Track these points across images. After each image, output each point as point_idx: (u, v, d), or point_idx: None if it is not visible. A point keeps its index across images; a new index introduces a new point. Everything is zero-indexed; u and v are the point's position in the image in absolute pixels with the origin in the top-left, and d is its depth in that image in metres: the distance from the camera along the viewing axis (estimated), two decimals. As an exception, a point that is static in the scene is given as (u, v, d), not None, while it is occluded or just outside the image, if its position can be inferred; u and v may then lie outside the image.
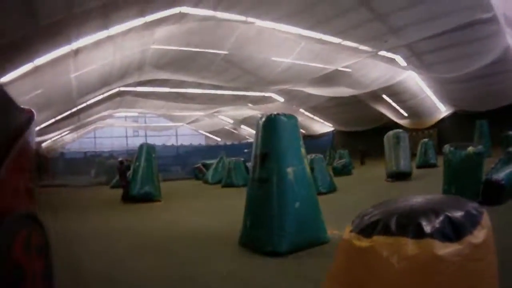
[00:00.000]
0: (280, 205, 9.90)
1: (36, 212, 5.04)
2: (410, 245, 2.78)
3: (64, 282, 7.75)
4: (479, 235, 2.85)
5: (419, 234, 2.81)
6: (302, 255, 9.41)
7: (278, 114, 10.84)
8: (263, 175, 10.39)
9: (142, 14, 15.88)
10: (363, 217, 3.20)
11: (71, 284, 8.06)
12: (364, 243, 2.98)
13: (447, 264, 2.70)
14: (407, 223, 2.89)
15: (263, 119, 10.93)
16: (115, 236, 13.51)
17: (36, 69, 16.28)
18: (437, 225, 2.81)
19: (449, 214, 2.88)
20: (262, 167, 10.51)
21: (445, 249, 2.72)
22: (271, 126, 10.63)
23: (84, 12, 13.34)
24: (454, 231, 2.80)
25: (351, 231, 3.19)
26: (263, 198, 10.27)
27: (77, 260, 10.21)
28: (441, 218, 2.85)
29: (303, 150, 10.85)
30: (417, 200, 3.24)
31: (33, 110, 5.56)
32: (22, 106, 5.38)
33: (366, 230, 3.03)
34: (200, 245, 11.49)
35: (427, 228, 2.80)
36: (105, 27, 15.77)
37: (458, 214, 2.90)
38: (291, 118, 10.97)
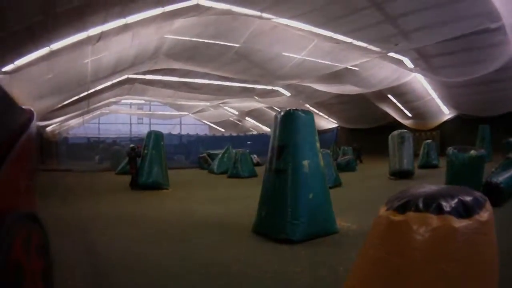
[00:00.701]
0: (295, 195, 10.33)
1: (36, 212, 5.14)
2: (434, 219, 3.47)
3: (80, 268, 8.28)
4: (484, 215, 3.54)
5: (440, 211, 3.49)
6: (314, 243, 9.83)
7: (296, 109, 11.27)
8: (280, 166, 10.82)
9: (160, 4, 15.98)
10: (394, 199, 3.89)
11: (88, 271, 8.31)
12: (398, 217, 3.67)
13: (461, 235, 3.41)
14: (431, 203, 3.57)
15: (282, 113, 11.36)
16: (128, 223, 13.55)
17: (52, 53, 16.33)
18: (453, 205, 3.50)
19: (462, 198, 3.58)
20: (279, 158, 10.94)
21: (459, 223, 3.43)
22: (289, 121, 11.08)
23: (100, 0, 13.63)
24: (465, 210, 3.49)
25: (387, 209, 3.88)
26: (279, 188, 10.68)
27: (91, 247, 10.38)
28: (456, 200, 3.55)
29: (318, 145, 11.30)
30: (436, 188, 3.95)
31: (33, 110, 5.65)
32: (22, 106, 5.50)
33: (400, 208, 3.71)
34: (213, 232, 11.71)
35: (446, 207, 3.49)
36: (123, 15, 15.81)
37: (468, 198, 3.60)
38: (308, 114, 11.46)
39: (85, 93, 28.85)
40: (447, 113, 46.60)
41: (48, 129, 45.68)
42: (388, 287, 3.67)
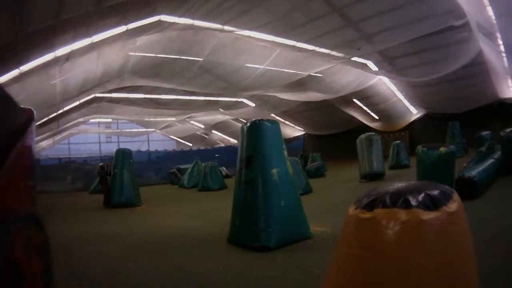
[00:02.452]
0: (266, 203, 10.46)
1: (36, 212, 5.03)
2: (402, 214, 3.61)
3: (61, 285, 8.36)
4: (452, 206, 3.68)
5: (408, 205, 3.63)
6: (290, 249, 9.97)
7: (262, 119, 11.47)
8: (250, 177, 10.95)
9: (124, 21, 16.05)
10: (363, 198, 4.01)
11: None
12: (367, 215, 3.80)
13: (430, 226, 3.54)
14: (398, 198, 3.71)
15: (248, 124, 11.52)
16: (105, 240, 13.56)
17: (21, 75, 16.23)
18: (420, 199, 3.63)
19: (428, 192, 3.72)
20: (248, 169, 11.07)
21: (427, 215, 3.56)
22: (255, 131, 11.25)
23: (68, 20, 13.44)
24: (433, 203, 3.63)
25: (355, 208, 4.01)
26: (250, 198, 10.81)
27: (73, 263, 10.45)
28: (422, 194, 3.69)
29: (285, 153, 11.49)
30: (402, 184, 4.08)
31: (33, 110, 5.69)
32: (22, 106, 5.48)
33: (368, 205, 3.84)
34: (190, 245, 11.84)
35: (413, 201, 3.63)
36: (89, 35, 15.82)
37: (435, 191, 3.75)
38: (274, 123, 11.68)
39: (55, 114, 28.71)
40: (414, 112, 47.06)
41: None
42: (362, 282, 3.79)
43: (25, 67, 15.94)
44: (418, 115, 47.19)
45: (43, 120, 30.04)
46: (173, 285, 8.18)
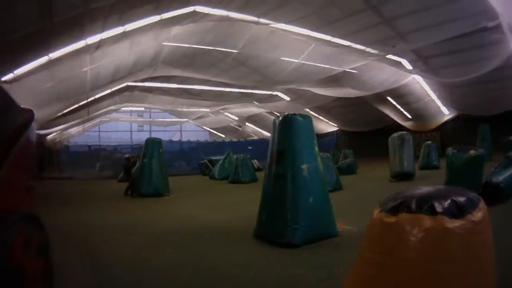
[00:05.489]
0: (294, 199, 10.39)
1: (36, 212, 5.16)
2: (426, 220, 3.54)
3: (84, 274, 8.41)
4: (477, 215, 3.61)
5: (433, 212, 3.56)
6: (315, 247, 9.87)
7: (294, 114, 11.34)
8: (279, 171, 10.89)
9: (157, 11, 15.97)
10: (388, 201, 3.95)
11: (92, 276, 8.43)
12: (391, 219, 3.74)
13: (454, 235, 3.48)
14: (424, 204, 3.64)
15: (280, 118, 11.45)
16: (130, 229, 13.62)
17: (51, 61, 16.35)
18: (446, 206, 3.56)
19: (455, 198, 3.64)
20: (278, 163, 11.02)
21: (452, 223, 3.49)
22: (287, 126, 11.14)
23: (101, 8, 13.51)
24: (458, 210, 3.56)
25: (380, 211, 3.94)
26: (278, 193, 10.74)
27: (96, 251, 10.58)
28: (449, 201, 3.60)
29: (316, 149, 11.34)
30: (430, 189, 4.01)
31: (33, 110, 5.68)
32: (22, 106, 5.53)
33: (393, 209, 3.78)
34: (215, 238, 11.81)
35: (439, 208, 3.55)
36: (121, 23, 15.82)
37: (461, 198, 3.66)
38: (306, 118, 11.50)
39: (85, 101, 28.85)
40: (447, 113, 46.69)
41: (49, 137, 45.68)
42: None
43: (54, 54, 15.99)
44: (450, 116, 46.86)
45: (73, 107, 30.22)
46: (192, 276, 8.19)
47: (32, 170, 5.56)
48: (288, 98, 44.81)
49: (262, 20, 19.87)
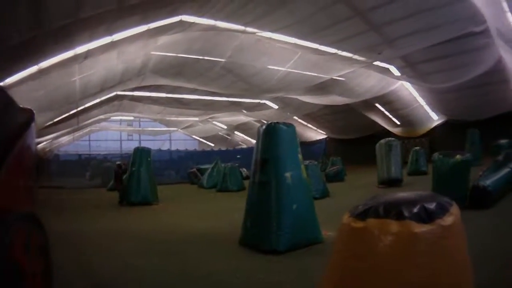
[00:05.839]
0: (278, 206, 10.47)
1: (36, 212, 5.11)
2: (393, 225, 3.59)
3: (78, 282, 8.43)
4: (447, 220, 3.64)
5: (401, 217, 3.61)
6: (299, 253, 10.00)
7: (277, 122, 11.46)
8: (263, 179, 10.99)
9: (145, 21, 16.06)
10: (358, 207, 4.02)
11: (86, 284, 8.47)
12: (359, 224, 3.80)
13: (422, 239, 3.52)
14: (392, 209, 3.69)
15: (264, 127, 11.58)
16: (119, 237, 13.77)
17: (41, 71, 16.41)
18: (414, 211, 3.61)
19: (424, 204, 3.69)
20: (262, 171, 11.11)
21: (419, 228, 3.53)
22: (271, 134, 11.25)
23: (90, 18, 13.57)
24: (427, 215, 3.59)
25: (349, 216, 4.01)
26: (263, 200, 10.85)
27: (85, 259, 10.62)
28: (418, 206, 3.65)
29: (300, 156, 11.44)
30: (401, 194, 4.07)
31: (33, 110, 5.69)
32: (22, 107, 5.53)
33: (361, 214, 3.85)
34: (201, 246, 11.92)
35: (406, 213, 3.60)
36: (109, 33, 15.92)
37: (431, 204, 3.70)
38: (290, 126, 11.61)
39: (75, 110, 28.85)
40: (436, 119, 46.79)
41: (39, 146, 45.66)
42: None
43: (44, 64, 16.07)
44: (439, 122, 46.93)
45: (63, 116, 30.22)
46: (179, 284, 8.31)
47: (32, 170, 5.56)
48: (276, 106, 45.08)
49: (248, 29, 20.02)
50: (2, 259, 3.92)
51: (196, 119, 52.99)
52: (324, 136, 62.80)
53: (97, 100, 31.34)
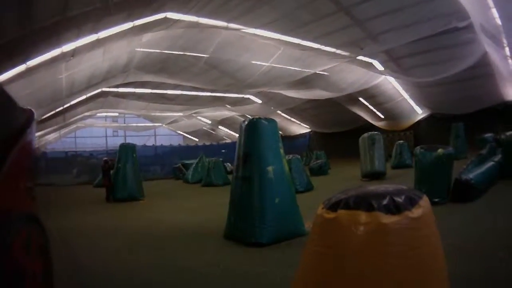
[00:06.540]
0: (261, 200, 10.68)
1: (37, 212, 5.12)
2: (363, 216, 3.75)
3: (61, 277, 8.61)
4: (416, 212, 3.80)
5: (370, 208, 3.77)
6: (282, 246, 10.20)
7: (259, 118, 11.69)
8: (246, 174, 11.21)
9: (130, 18, 16.14)
10: (330, 199, 4.17)
11: (72, 281, 8.44)
12: (331, 215, 3.97)
13: (390, 230, 3.68)
14: (362, 201, 3.86)
15: (246, 122, 11.81)
16: (105, 233, 13.94)
17: (29, 70, 16.38)
18: (383, 203, 3.77)
19: (393, 196, 3.85)
20: (244, 166, 11.33)
21: (388, 219, 3.69)
22: (253, 129, 11.46)
23: (77, 16, 13.58)
24: (395, 207, 3.76)
25: (322, 208, 4.17)
26: (246, 194, 11.05)
27: (73, 255, 10.60)
28: (387, 198, 3.82)
29: (282, 151, 11.62)
30: (372, 187, 4.23)
31: (33, 110, 5.58)
32: (22, 106, 5.44)
33: (333, 206, 4.01)
34: (187, 240, 12.14)
35: (375, 205, 3.76)
36: (95, 31, 15.95)
37: (400, 197, 3.87)
38: (271, 121, 11.82)
39: (61, 108, 28.84)
40: (420, 112, 47.15)
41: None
42: (325, 279, 3.98)
43: (32, 62, 16.07)
44: (423, 115, 47.26)
45: (49, 114, 30.17)
46: (164, 278, 8.45)
47: (32, 170, 5.45)
48: (259, 101, 45.37)
49: (231, 25, 20.08)
50: (3, 260, 3.90)
51: (180, 114, 53.36)
52: (308, 130, 63.09)
53: (83, 97, 31.31)
